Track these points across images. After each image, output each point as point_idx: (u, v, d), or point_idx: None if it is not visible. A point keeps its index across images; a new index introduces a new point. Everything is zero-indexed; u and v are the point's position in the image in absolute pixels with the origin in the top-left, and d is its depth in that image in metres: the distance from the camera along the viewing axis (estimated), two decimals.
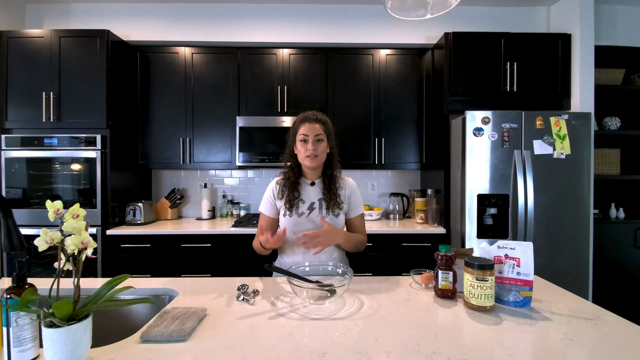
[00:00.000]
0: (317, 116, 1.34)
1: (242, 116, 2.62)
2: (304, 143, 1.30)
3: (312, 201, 1.36)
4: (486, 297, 0.95)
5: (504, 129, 2.16)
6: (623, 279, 2.48)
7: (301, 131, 1.31)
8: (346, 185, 1.41)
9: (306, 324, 0.88)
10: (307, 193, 1.37)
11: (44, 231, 0.69)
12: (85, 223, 0.74)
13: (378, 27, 2.67)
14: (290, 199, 1.33)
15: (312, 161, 1.30)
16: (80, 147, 2.37)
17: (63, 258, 0.72)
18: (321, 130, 1.31)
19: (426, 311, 0.97)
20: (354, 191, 1.42)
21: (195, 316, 0.89)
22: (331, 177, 1.37)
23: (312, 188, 1.38)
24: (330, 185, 1.35)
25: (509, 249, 1.01)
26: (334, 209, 1.33)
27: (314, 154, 1.29)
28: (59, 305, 0.63)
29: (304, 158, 1.31)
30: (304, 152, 1.30)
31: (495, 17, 2.66)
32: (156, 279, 1.26)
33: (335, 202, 1.33)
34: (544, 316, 0.93)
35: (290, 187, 1.34)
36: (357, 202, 1.41)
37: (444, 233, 2.37)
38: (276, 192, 1.38)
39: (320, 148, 1.31)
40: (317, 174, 1.39)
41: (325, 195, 1.35)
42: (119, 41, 2.52)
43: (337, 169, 1.39)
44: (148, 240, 2.36)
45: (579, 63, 2.35)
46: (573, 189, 2.19)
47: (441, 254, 1.06)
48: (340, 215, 1.36)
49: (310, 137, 1.29)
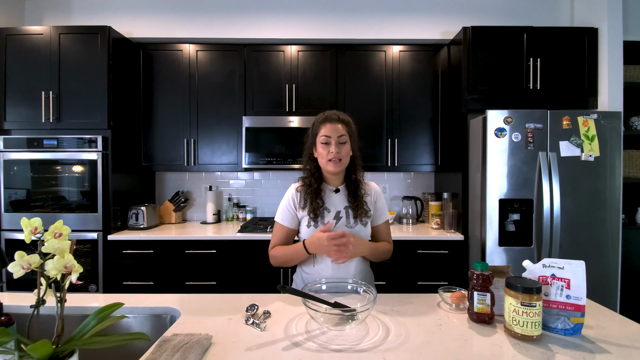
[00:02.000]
0: (339, 116, 1.22)
1: (249, 116, 2.51)
2: (326, 145, 1.18)
3: (338, 210, 1.24)
4: (533, 325, 0.82)
5: (527, 129, 2.02)
6: None
7: (322, 132, 1.18)
8: (371, 191, 1.29)
9: (326, 357, 0.76)
10: (331, 201, 1.25)
11: (20, 254, 0.58)
12: (70, 243, 0.63)
13: (391, 22, 2.54)
14: (314, 207, 1.20)
15: (336, 166, 1.18)
16: (80, 148, 2.28)
17: (43, 284, 0.61)
18: (344, 130, 1.19)
19: (463, 340, 0.84)
20: (379, 197, 1.30)
21: (199, 346, 0.77)
22: (356, 183, 1.24)
23: (337, 195, 1.26)
24: (356, 192, 1.23)
25: (556, 268, 0.89)
26: (361, 217, 1.21)
27: (337, 158, 1.16)
28: (35, 347, 0.52)
29: (326, 162, 1.18)
30: (325, 155, 1.18)
31: (514, 10, 2.51)
32: (156, 295, 1.14)
33: (362, 210, 1.21)
34: (600, 348, 0.80)
35: (312, 195, 1.22)
36: (382, 209, 1.30)
37: (462, 239, 2.24)
38: (297, 200, 1.25)
39: (344, 151, 1.18)
40: (340, 180, 1.27)
41: (352, 203, 1.23)
42: (121, 38, 2.42)
43: (361, 173, 1.27)
44: (151, 245, 2.26)
45: (607, 59, 2.20)
46: (602, 194, 2.05)
47: (477, 273, 0.93)
48: (368, 224, 1.25)
49: (333, 138, 1.17)
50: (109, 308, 0.64)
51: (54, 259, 0.57)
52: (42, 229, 0.60)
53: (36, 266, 0.58)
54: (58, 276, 0.58)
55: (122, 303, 0.68)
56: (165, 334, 0.84)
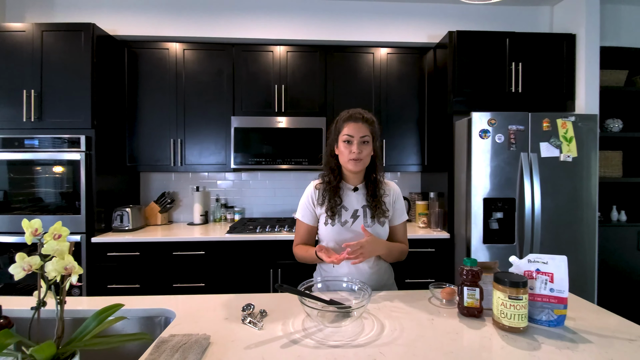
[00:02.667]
0: (364, 115, 1.21)
1: (237, 116, 2.50)
2: (348, 144, 1.18)
3: (356, 208, 1.24)
4: (520, 317, 0.86)
5: (510, 130, 2.10)
6: (626, 282, 2.46)
7: (345, 131, 1.18)
8: (390, 191, 1.30)
9: (325, 353, 0.78)
10: (349, 199, 1.25)
11: (21, 256, 0.57)
12: (69, 244, 0.62)
13: (379, 25, 2.58)
14: (332, 205, 1.21)
15: (356, 165, 1.18)
16: (63, 148, 2.21)
17: (43, 287, 0.60)
18: (367, 131, 1.19)
19: (455, 334, 0.87)
20: (398, 197, 1.31)
21: (198, 346, 0.78)
22: (375, 183, 1.25)
23: (355, 194, 1.26)
24: (375, 192, 1.23)
25: (541, 263, 0.93)
26: (379, 217, 1.22)
27: (358, 157, 1.16)
28: (39, 348, 0.51)
29: (347, 161, 1.19)
30: (347, 154, 1.18)
31: (498, 15, 2.60)
32: (148, 297, 1.13)
33: (380, 210, 1.22)
34: (583, 338, 0.85)
35: (331, 193, 1.22)
36: (401, 209, 1.31)
37: (448, 238, 2.30)
38: (315, 197, 1.26)
39: (366, 151, 1.18)
40: (360, 178, 1.27)
41: (370, 203, 1.23)
42: (105, 36, 2.37)
43: (381, 173, 1.27)
44: (137, 247, 2.21)
45: (584, 64, 2.31)
46: (579, 193, 2.15)
47: (466, 269, 0.97)
48: (385, 223, 1.25)
49: (356, 138, 1.17)
50: (109, 309, 0.64)
51: (53, 261, 0.57)
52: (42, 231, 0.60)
53: (37, 268, 0.57)
54: (58, 278, 0.57)
55: (123, 304, 0.67)
56: (162, 335, 0.84)
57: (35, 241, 0.60)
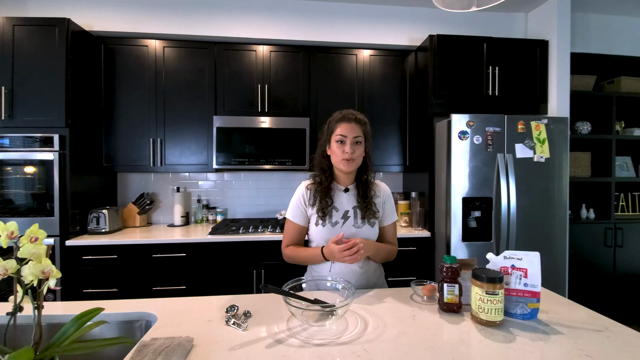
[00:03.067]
0: (357, 116, 1.22)
1: (220, 116, 2.47)
2: (341, 144, 1.19)
3: (346, 209, 1.25)
4: (496, 312, 0.90)
5: (487, 132, 2.17)
6: (594, 276, 2.59)
7: (338, 131, 1.19)
8: (381, 192, 1.31)
9: (309, 352, 0.78)
10: (340, 200, 1.26)
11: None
12: (46, 247, 0.60)
13: (362, 27, 2.62)
14: (322, 206, 1.21)
15: (348, 165, 1.19)
16: (35, 148, 2.12)
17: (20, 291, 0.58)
18: (360, 131, 1.20)
19: (435, 329, 0.90)
20: (388, 198, 1.33)
21: (181, 349, 0.77)
22: (366, 184, 1.26)
23: (346, 195, 1.27)
24: (366, 193, 1.25)
25: (515, 259, 0.97)
26: (369, 218, 1.24)
27: (350, 158, 1.17)
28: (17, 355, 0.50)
29: (339, 161, 1.19)
30: (339, 154, 1.19)
31: (476, 20, 2.68)
32: (127, 301, 1.10)
33: (371, 211, 1.23)
34: (554, 329, 0.90)
35: (322, 193, 1.23)
36: (391, 210, 1.33)
37: (429, 236, 2.36)
38: (307, 197, 1.26)
39: (358, 151, 1.20)
40: (351, 179, 1.28)
41: (360, 204, 1.24)
42: (80, 31, 2.28)
43: (372, 174, 1.28)
44: (114, 250, 2.15)
45: (556, 69, 2.42)
46: (551, 192, 2.25)
47: (446, 266, 1.00)
48: (375, 224, 1.27)
49: (349, 138, 1.18)
50: (89, 313, 0.62)
51: (30, 264, 0.55)
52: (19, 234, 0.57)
53: (13, 272, 0.55)
54: (35, 282, 0.55)
55: (103, 308, 0.66)
56: (144, 339, 0.82)
57: (11, 244, 0.57)
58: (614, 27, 2.76)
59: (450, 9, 0.96)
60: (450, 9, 0.96)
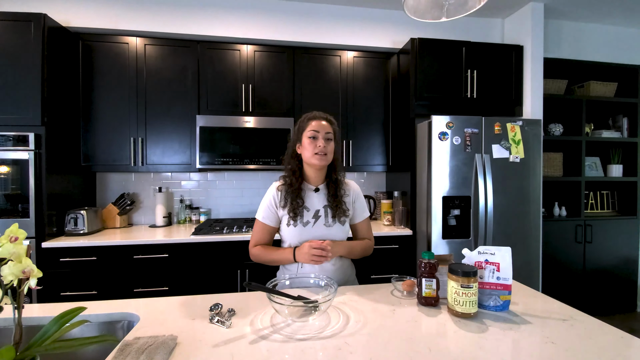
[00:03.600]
0: (327, 116, 1.28)
1: (203, 115, 2.45)
2: (313, 140, 1.22)
3: (317, 209, 1.28)
4: (471, 304, 0.95)
5: (466, 133, 2.25)
6: (566, 271, 2.72)
7: (311, 127, 1.23)
8: (350, 191, 1.35)
9: (293, 347, 0.80)
10: (310, 200, 1.29)
11: None
12: (25, 247, 0.60)
13: (346, 28, 2.65)
14: (294, 207, 1.23)
15: (321, 159, 1.22)
16: (9, 147, 2.04)
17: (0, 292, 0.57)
18: (330, 129, 1.25)
19: (414, 322, 0.94)
20: (358, 196, 1.37)
21: (165, 347, 0.77)
22: (336, 183, 1.29)
23: (316, 194, 1.30)
24: (336, 192, 1.28)
25: (489, 254, 1.03)
26: (340, 216, 1.27)
27: (323, 152, 1.21)
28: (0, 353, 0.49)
29: (312, 156, 1.22)
30: (312, 149, 1.21)
31: (456, 25, 2.77)
32: (108, 301, 1.09)
33: (341, 209, 1.26)
34: (524, 320, 0.95)
35: (292, 194, 1.25)
36: (362, 207, 1.37)
37: (411, 234, 2.42)
38: (277, 199, 1.28)
39: (330, 147, 1.24)
40: (321, 179, 1.31)
41: (331, 203, 1.27)
42: (57, 27, 2.22)
43: (342, 173, 1.32)
44: (93, 252, 2.10)
45: (530, 73, 2.53)
46: (525, 191, 2.35)
47: (424, 262, 1.04)
48: (346, 223, 1.30)
49: (321, 133, 1.22)
50: (70, 313, 0.62)
51: (9, 264, 0.54)
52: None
53: None
54: (15, 282, 0.55)
55: (85, 307, 0.66)
56: (127, 338, 0.82)
57: None
58: (585, 34, 2.91)
59: (422, 19, 1.01)
60: (421, 19, 1.01)
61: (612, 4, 2.60)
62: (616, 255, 2.84)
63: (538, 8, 2.53)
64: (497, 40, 2.84)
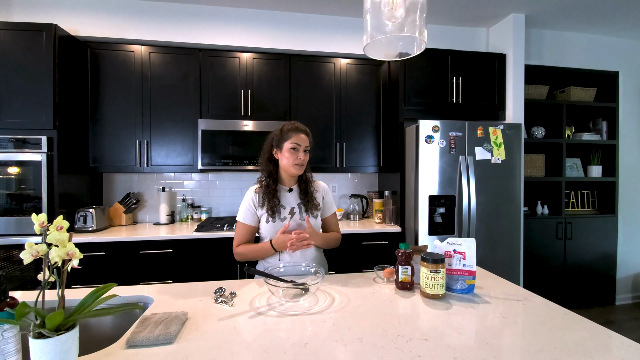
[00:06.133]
0: (306, 129, 1.43)
1: (204, 119, 2.60)
2: (294, 151, 1.38)
3: (292, 206, 1.44)
4: (439, 287, 1.10)
5: (451, 136, 2.40)
6: (548, 266, 2.89)
7: (294, 140, 1.37)
8: (319, 188, 1.52)
9: (285, 320, 0.96)
10: (286, 199, 1.44)
11: (29, 244, 0.69)
12: (69, 235, 0.75)
13: (339, 37, 2.81)
14: (272, 205, 1.39)
15: (300, 169, 1.39)
16: (23, 149, 2.19)
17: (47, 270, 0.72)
18: (308, 142, 1.41)
19: (389, 302, 1.10)
20: (327, 192, 1.54)
21: (178, 320, 0.92)
22: (306, 182, 1.46)
23: (290, 194, 1.46)
24: (307, 190, 1.45)
25: (456, 244, 1.18)
26: (312, 211, 1.44)
27: (302, 163, 1.39)
28: (52, 316, 0.64)
29: (291, 165, 1.38)
30: (293, 160, 1.37)
31: (442, 34, 2.93)
32: (125, 287, 1.25)
33: (313, 204, 1.44)
34: (484, 300, 1.11)
35: (269, 195, 1.40)
36: (330, 203, 1.54)
37: (400, 231, 2.58)
38: (256, 200, 1.43)
39: (306, 158, 1.41)
40: (294, 180, 1.48)
41: (303, 200, 1.44)
42: (67, 36, 2.37)
43: (310, 174, 1.49)
44: (102, 247, 2.25)
45: (512, 80, 2.70)
46: (507, 190, 2.51)
47: (401, 251, 1.20)
48: (318, 216, 1.47)
49: (302, 147, 1.38)
50: (104, 288, 0.77)
51: (55, 248, 0.70)
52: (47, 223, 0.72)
53: (43, 253, 0.70)
54: (59, 262, 0.70)
55: (115, 283, 0.81)
56: (145, 314, 0.98)
57: (42, 232, 0.72)
58: (565, 42, 3.08)
59: (379, 58, 1.20)
60: (378, 58, 1.20)
61: (590, 15, 2.77)
62: (595, 252, 3.00)
63: (519, 19, 2.70)
64: (483, 48, 3.00)
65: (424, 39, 1.03)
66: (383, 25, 0.99)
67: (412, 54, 1.17)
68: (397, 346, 0.82)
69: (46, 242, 0.72)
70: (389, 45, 1.14)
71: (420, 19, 0.98)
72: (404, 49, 1.18)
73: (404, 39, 1.10)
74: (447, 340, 0.85)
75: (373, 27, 1.02)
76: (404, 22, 0.97)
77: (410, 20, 0.97)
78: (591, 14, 2.77)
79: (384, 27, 0.99)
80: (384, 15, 0.98)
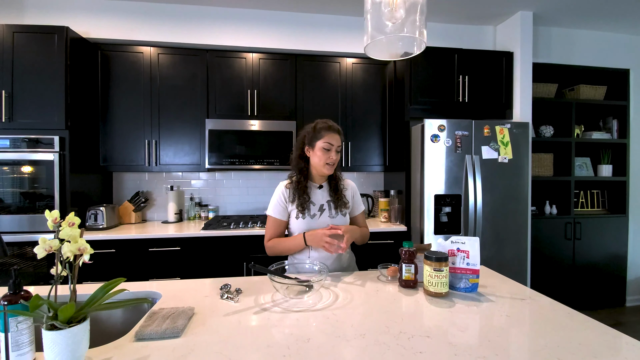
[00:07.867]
0: (339, 128, 1.44)
1: (212, 119, 2.64)
2: (327, 151, 1.39)
3: (322, 203, 1.45)
4: (442, 285, 1.11)
5: (457, 135, 2.40)
6: (556, 266, 2.86)
7: (327, 139, 1.38)
8: (349, 186, 1.54)
9: (289, 316, 0.97)
10: (315, 196, 1.46)
11: (43, 240, 0.72)
12: (80, 230, 0.78)
13: (345, 37, 2.82)
14: (302, 202, 1.40)
15: (331, 169, 1.41)
16: (36, 149, 2.25)
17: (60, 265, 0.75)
18: (340, 141, 1.42)
19: (393, 299, 1.10)
20: (356, 192, 1.56)
21: (185, 314, 0.95)
22: (337, 180, 1.48)
23: (320, 191, 1.48)
24: (337, 187, 1.47)
25: (460, 243, 1.18)
26: (341, 209, 1.45)
27: (334, 163, 1.40)
28: (64, 308, 0.67)
29: (323, 165, 1.39)
30: (325, 159, 1.38)
31: (448, 33, 2.92)
32: (133, 283, 1.28)
33: (342, 202, 1.45)
34: (488, 299, 1.11)
35: (300, 191, 1.42)
36: (359, 201, 1.56)
37: (405, 230, 2.58)
38: (287, 195, 1.44)
39: (337, 158, 1.42)
40: (324, 178, 1.49)
41: (333, 197, 1.46)
42: (78, 38, 2.42)
43: (340, 172, 1.51)
44: (112, 245, 2.30)
45: (520, 78, 2.67)
46: (514, 189, 2.49)
47: (405, 250, 1.21)
48: (347, 214, 1.48)
49: (335, 147, 1.39)
50: (113, 283, 0.80)
51: (67, 244, 0.72)
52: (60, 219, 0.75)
53: (56, 249, 0.72)
54: (71, 257, 0.73)
55: (124, 278, 0.84)
56: (153, 309, 1.00)
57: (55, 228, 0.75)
58: (574, 40, 3.03)
59: (379, 58, 1.24)
60: (379, 58, 1.23)
61: (599, 12, 2.73)
62: (605, 252, 2.96)
63: (527, 16, 2.67)
64: (490, 46, 2.98)
65: (424, 39, 1.04)
66: (383, 26, 1.00)
67: (413, 53, 1.17)
68: (399, 342, 0.83)
69: (59, 238, 0.75)
70: (389, 45, 1.15)
71: (420, 20, 0.99)
72: (404, 49, 1.18)
73: (404, 39, 1.10)
74: (449, 338, 0.85)
75: (373, 28, 1.03)
76: (404, 22, 0.98)
77: (410, 20, 0.98)
78: (601, 11, 2.72)
79: (384, 28, 1.00)
80: (384, 16, 0.99)
